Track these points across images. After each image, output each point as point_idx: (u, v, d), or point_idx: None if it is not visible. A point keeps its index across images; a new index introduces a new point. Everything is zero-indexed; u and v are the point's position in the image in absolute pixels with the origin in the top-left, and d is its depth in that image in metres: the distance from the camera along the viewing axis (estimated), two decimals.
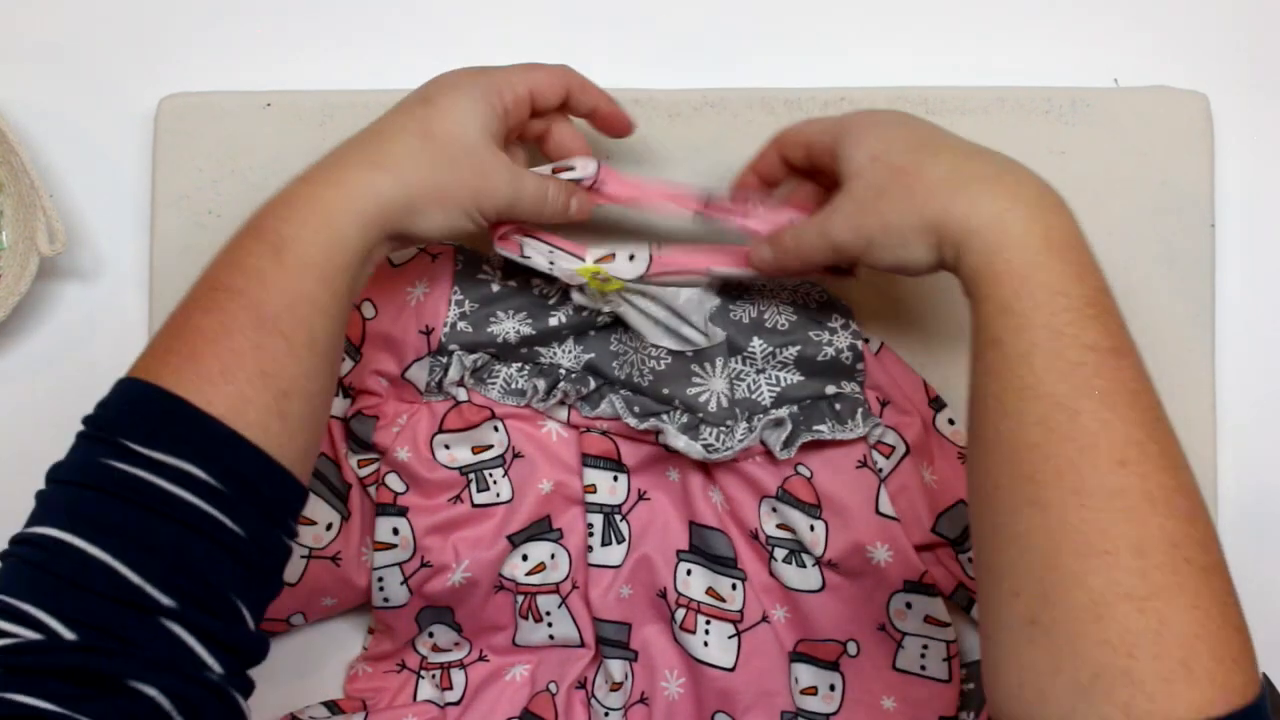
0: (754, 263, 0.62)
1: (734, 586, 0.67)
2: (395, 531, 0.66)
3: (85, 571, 0.46)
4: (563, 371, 0.67)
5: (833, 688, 0.67)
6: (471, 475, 0.66)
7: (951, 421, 0.67)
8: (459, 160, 0.57)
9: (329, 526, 0.67)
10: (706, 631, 0.66)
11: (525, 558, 0.67)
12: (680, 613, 0.66)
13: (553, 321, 0.66)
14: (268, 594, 0.51)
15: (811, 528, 0.65)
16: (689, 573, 0.67)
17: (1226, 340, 0.70)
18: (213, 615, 0.47)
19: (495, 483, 0.67)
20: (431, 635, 0.68)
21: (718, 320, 0.65)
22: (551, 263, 0.63)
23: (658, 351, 0.65)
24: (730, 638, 0.66)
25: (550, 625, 0.68)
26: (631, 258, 0.64)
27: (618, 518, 0.67)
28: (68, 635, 0.45)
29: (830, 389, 0.66)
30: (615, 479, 0.67)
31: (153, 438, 0.48)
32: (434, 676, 0.68)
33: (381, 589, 0.66)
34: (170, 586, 0.46)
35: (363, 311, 0.66)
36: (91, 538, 0.46)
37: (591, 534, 0.67)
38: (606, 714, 0.66)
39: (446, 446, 0.66)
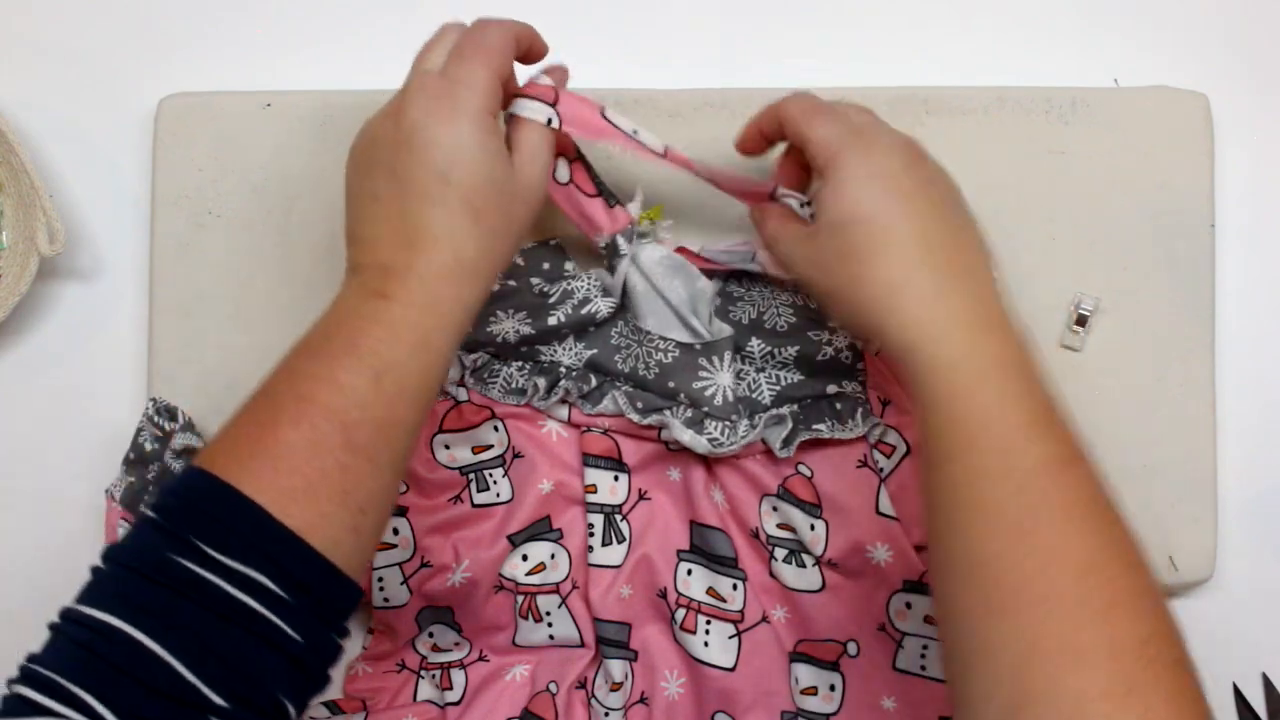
0: (754, 219, 0.62)
1: (734, 586, 0.67)
2: (395, 531, 0.66)
3: (141, 664, 0.46)
4: (563, 369, 0.67)
5: (833, 688, 0.67)
6: (471, 475, 0.67)
7: None
8: (514, 220, 0.56)
9: None
10: (707, 631, 0.66)
11: (525, 558, 0.67)
12: (680, 613, 0.66)
13: (552, 321, 0.66)
14: (315, 691, 0.51)
15: (812, 527, 0.65)
16: (689, 573, 0.67)
17: (1226, 340, 0.70)
18: (260, 715, 0.47)
19: (495, 483, 0.67)
20: (431, 635, 0.68)
21: (718, 319, 0.66)
22: (636, 130, 0.60)
23: (665, 344, 0.65)
24: (730, 638, 0.66)
25: (550, 625, 0.68)
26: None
27: (618, 517, 0.67)
28: None
29: (831, 388, 0.66)
30: (616, 479, 0.67)
31: (227, 543, 0.48)
32: (434, 676, 0.68)
33: (381, 589, 0.66)
34: (224, 688, 0.46)
35: None
36: (151, 631, 0.46)
37: (592, 534, 0.67)
38: (606, 714, 0.66)
39: (446, 446, 0.66)
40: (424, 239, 0.53)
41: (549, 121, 0.57)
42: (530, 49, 0.60)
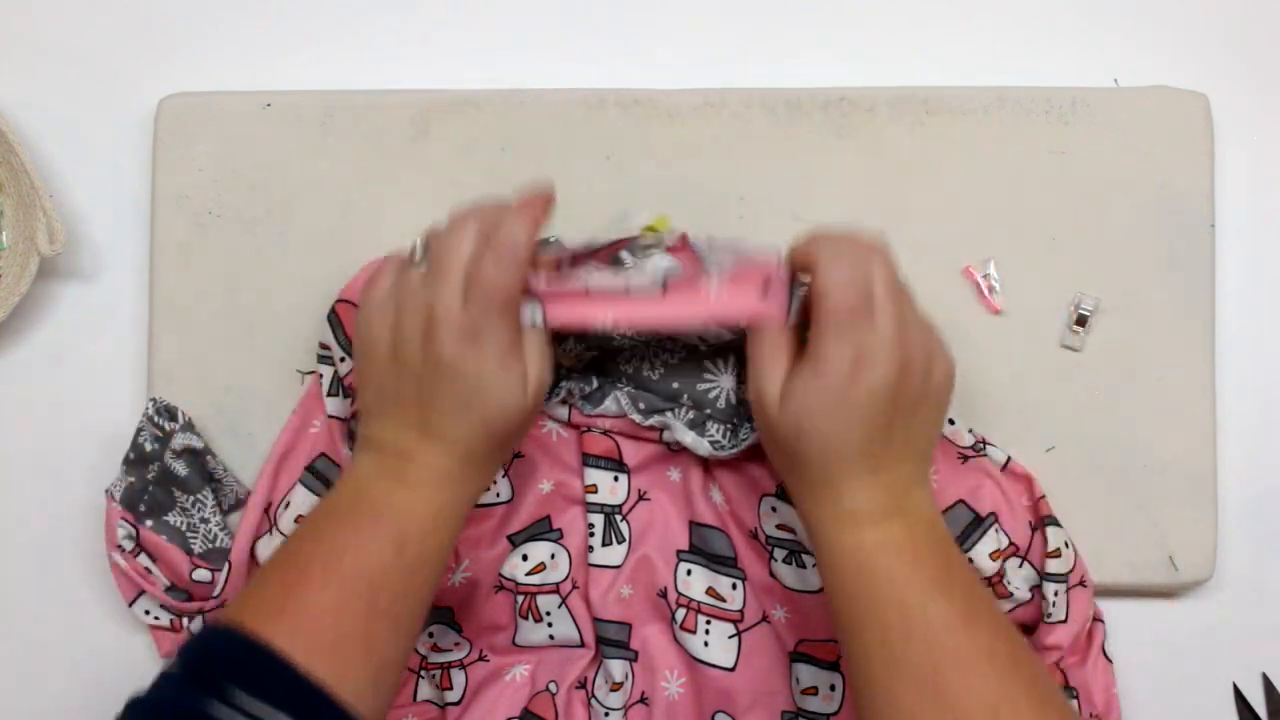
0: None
1: (734, 586, 0.67)
2: None
3: None
4: (564, 369, 0.67)
5: (833, 688, 0.67)
6: None
7: (952, 421, 0.67)
8: (521, 430, 0.59)
9: None
10: (707, 631, 0.66)
11: (525, 558, 0.67)
12: (680, 612, 0.66)
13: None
14: None
15: None
16: (689, 573, 0.67)
17: (1226, 340, 0.70)
18: None
19: (494, 483, 0.67)
20: (431, 635, 0.68)
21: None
22: (628, 286, 0.59)
23: (673, 344, 0.65)
24: (730, 637, 0.66)
25: (550, 625, 0.68)
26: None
27: (618, 518, 0.67)
28: None
29: None
30: (616, 479, 0.67)
31: (256, 690, 0.49)
32: (434, 676, 0.68)
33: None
34: None
35: None
36: None
37: (592, 534, 0.67)
38: (607, 714, 0.66)
39: None
40: (437, 436, 0.56)
41: (533, 323, 0.58)
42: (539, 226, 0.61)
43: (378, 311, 0.58)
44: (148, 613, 0.67)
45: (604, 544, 0.67)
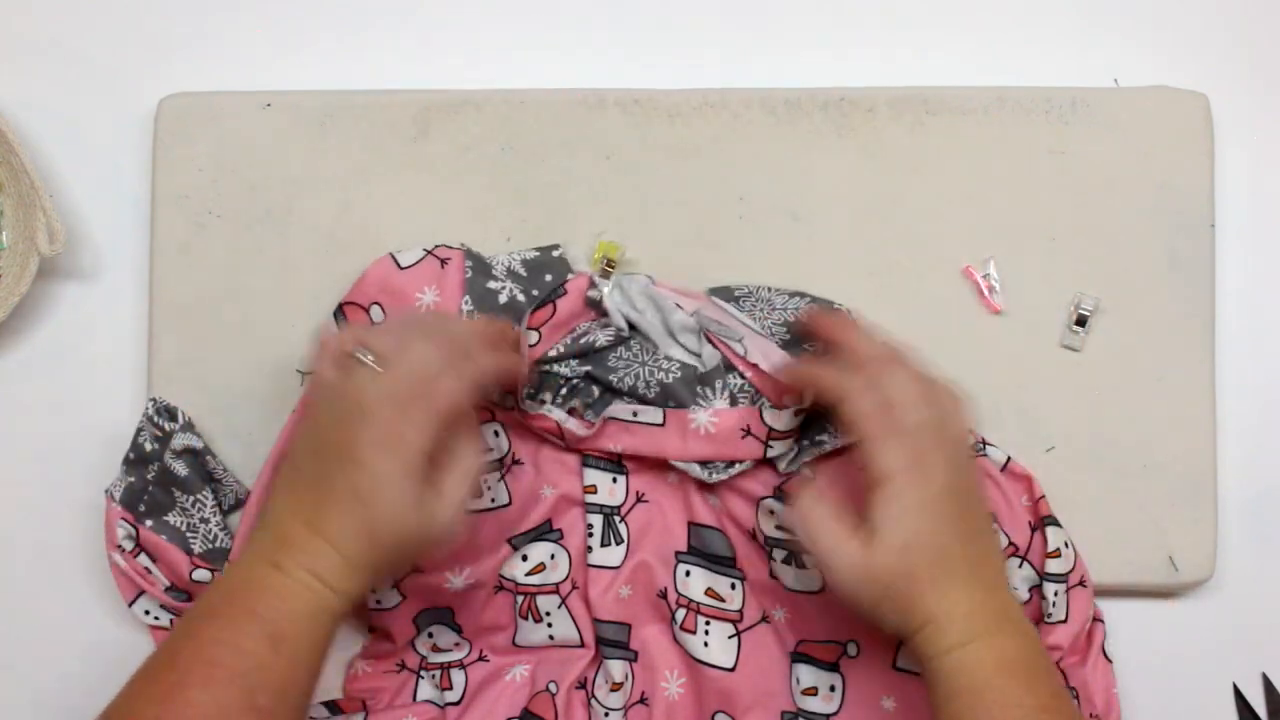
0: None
1: (733, 586, 0.67)
2: None
3: None
4: (562, 379, 0.66)
5: (833, 688, 0.67)
6: None
7: None
8: (416, 546, 0.59)
9: None
10: (706, 631, 0.66)
11: (525, 558, 0.67)
12: (680, 613, 0.66)
13: (551, 352, 0.66)
14: None
15: None
16: (688, 573, 0.67)
17: (1226, 340, 0.70)
18: None
19: (489, 488, 0.67)
20: (431, 635, 0.68)
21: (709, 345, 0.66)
22: (636, 412, 0.65)
23: (669, 364, 0.65)
24: (730, 638, 0.66)
25: (550, 625, 0.68)
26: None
27: (617, 519, 0.67)
28: None
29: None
30: (615, 480, 0.67)
31: None
32: (434, 676, 0.68)
33: (374, 590, 0.66)
34: None
35: (371, 315, 0.66)
36: None
37: (591, 534, 0.67)
38: (607, 714, 0.66)
39: None
40: (323, 530, 0.57)
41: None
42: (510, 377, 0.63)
43: (320, 399, 0.59)
44: (148, 613, 0.67)
45: (603, 544, 0.67)
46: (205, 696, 0.53)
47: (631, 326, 0.66)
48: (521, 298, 0.66)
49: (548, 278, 0.67)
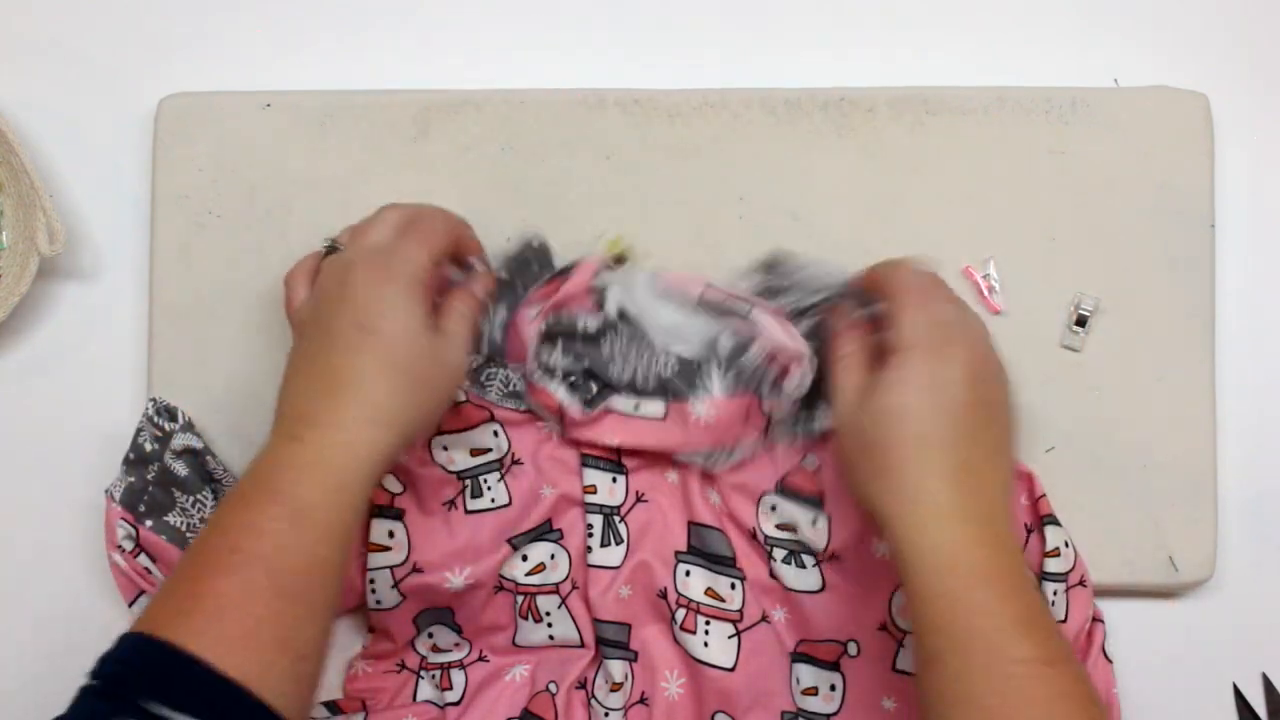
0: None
1: (733, 586, 0.67)
2: (391, 535, 0.66)
3: None
4: (560, 374, 0.66)
5: (833, 688, 0.67)
6: (467, 482, 0.66)
7: None
8: (433, 379, 0.59)
9: None
10: (706, 631, 0.66)
11: (525, 558, 0.67)
12: (680, 613, 0.66)
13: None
14: None
15: (814, 521, 0.66)
16: (688, 573, 0.67)
17: (1226, 340, 0.70)
18: None
19: (489, 488, 0.67)
20: (431, 635, 0.68)
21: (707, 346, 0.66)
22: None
23: (667, 358, 0.65)
24: (730, 638, 0.66)
25: (550, 625, 0.68)
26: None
27: (616, 519, 0.67)
28: None
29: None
30: (614, 480, 0.67)
31: (174, 699, 0.48)
32: (434, 676, 0.68)
33: (374, 591, 0.66)
34: None
35: None
36: None
37: (591, 534, 0.67)
38: (606, 714, 0.66)
39: (445, 448, 0.66)
40: (340, 387, 0.56)
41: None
42: (463, 246, 0.64)
43: (303, 309, 0.61)
44: None
45: (603, 544, 0.67)
46: (229, 584, 0.52)
47: (624, 319, 0.66)
48: (504, 275, 0.67)
49: (535, 268, 0.67)
